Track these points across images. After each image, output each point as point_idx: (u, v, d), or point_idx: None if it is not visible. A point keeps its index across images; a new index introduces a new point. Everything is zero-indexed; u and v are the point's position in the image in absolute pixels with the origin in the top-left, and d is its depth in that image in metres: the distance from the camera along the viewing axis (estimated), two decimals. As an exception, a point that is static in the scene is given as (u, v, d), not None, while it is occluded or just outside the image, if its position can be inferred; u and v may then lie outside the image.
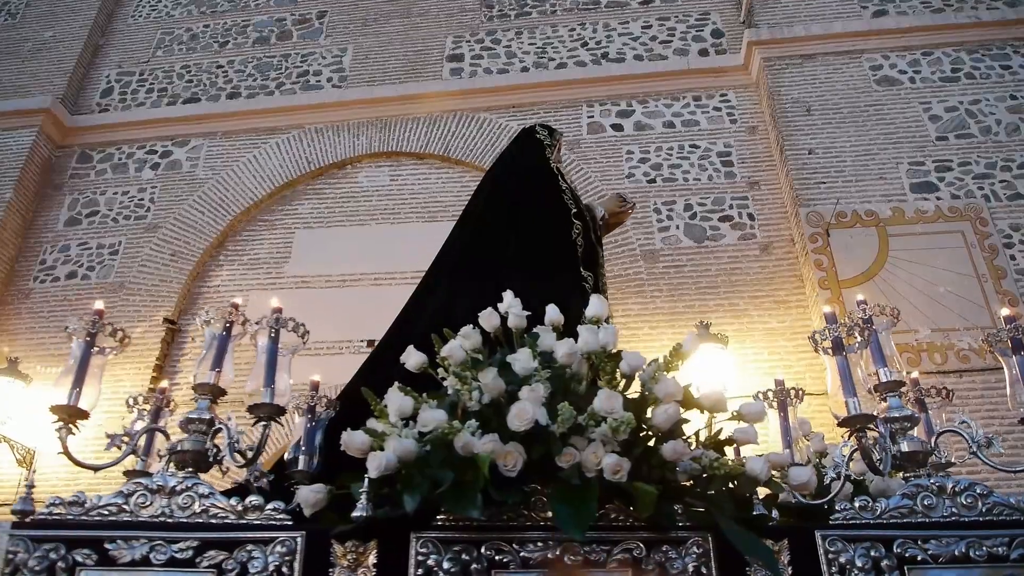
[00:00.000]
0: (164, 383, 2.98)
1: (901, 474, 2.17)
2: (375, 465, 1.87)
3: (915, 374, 2.52)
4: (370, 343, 6.23)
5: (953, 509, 1.94)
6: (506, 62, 7.87)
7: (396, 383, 2.14)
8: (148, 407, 2.72)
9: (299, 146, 7.54)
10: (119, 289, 6.87)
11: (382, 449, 1.93)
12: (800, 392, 2.94)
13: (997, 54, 6.94)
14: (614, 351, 2.11)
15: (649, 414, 2.02)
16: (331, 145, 7.51)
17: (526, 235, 3.09)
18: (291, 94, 7.94)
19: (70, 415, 2.09)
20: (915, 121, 6.64)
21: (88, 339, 2.19)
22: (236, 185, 7.38)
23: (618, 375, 2.06)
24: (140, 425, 2.68)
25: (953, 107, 6.68)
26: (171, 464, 2.15)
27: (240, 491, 2.10)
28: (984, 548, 1.85)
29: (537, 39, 7.99)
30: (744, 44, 7.30)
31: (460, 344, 2.10)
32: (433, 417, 1.93)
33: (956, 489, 1.97)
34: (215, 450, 2.13)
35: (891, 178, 6.36)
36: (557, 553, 1.81)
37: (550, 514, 1.87)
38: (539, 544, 1.84)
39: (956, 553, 1.85)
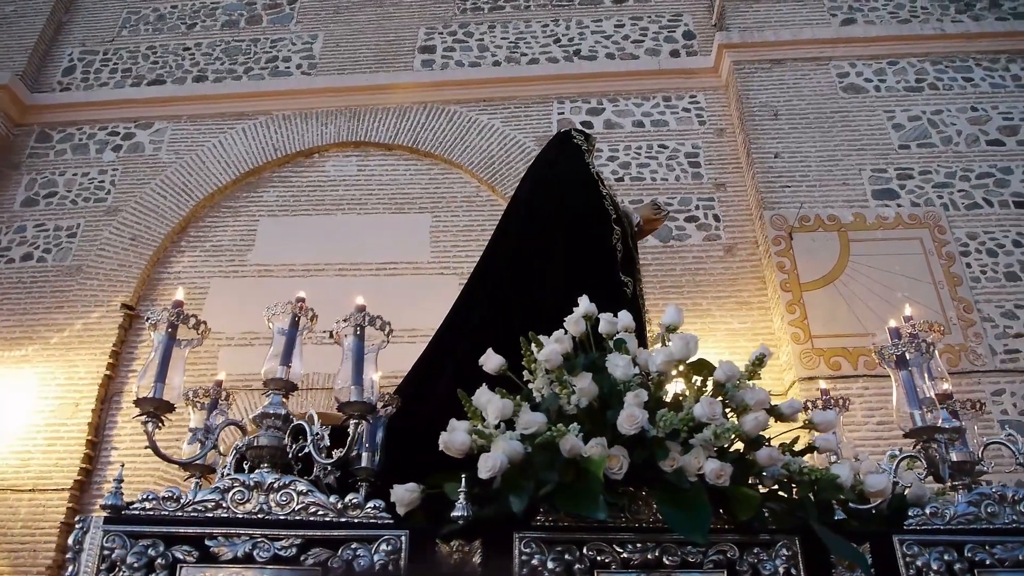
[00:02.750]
0: (221, 375, 2.93)
1: (950, 482, 2.32)
2: (488, 467, 1.89)
3: (947, 386, 2.62)
4: (332, 335, 6.17)
5: (1013, 516, 2.08)
6: (478, 55, 7.84)
7: (484, 385, 2.17)
8: (206, 400, 2.70)
9: (266, 133, 7.44)
10: (76, 272, 6.73)
11: (482, 450, 1.96)
12: (846, 401, 3.05)
13: (960, 66, 7.08)
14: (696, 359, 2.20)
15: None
16: (299, 133, 7.43)
17: (568, 240, 3.13)
18: (259, 79, 7.83)
19: (156, 408, 2.07)
20: (879, 129, 6.76)
21: (170, 331, 2.17)
22: (200, 170, 7.26)
23: (711, 383, 2.14)
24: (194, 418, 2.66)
25: (916, 116, 6.80)
26: (233, 458, 2.14)
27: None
28: None
29: (510, 34, 7.97)
30: (715, 47, 7.36)
31: (556, 349, 2.13)
32: (535, 419, 1.97)
33: (1015, 498, 2.11)
34: (294, 446, 2.14)
35: (854, 184, 6.46)
36: (656, 554, 1.87)
37: (644, 515, 1.94)
38: (638, 545, 1.88)
39: (1020, 557, 1.98)
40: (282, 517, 1.90)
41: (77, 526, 1.87)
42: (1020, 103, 6.83)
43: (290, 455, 2.13)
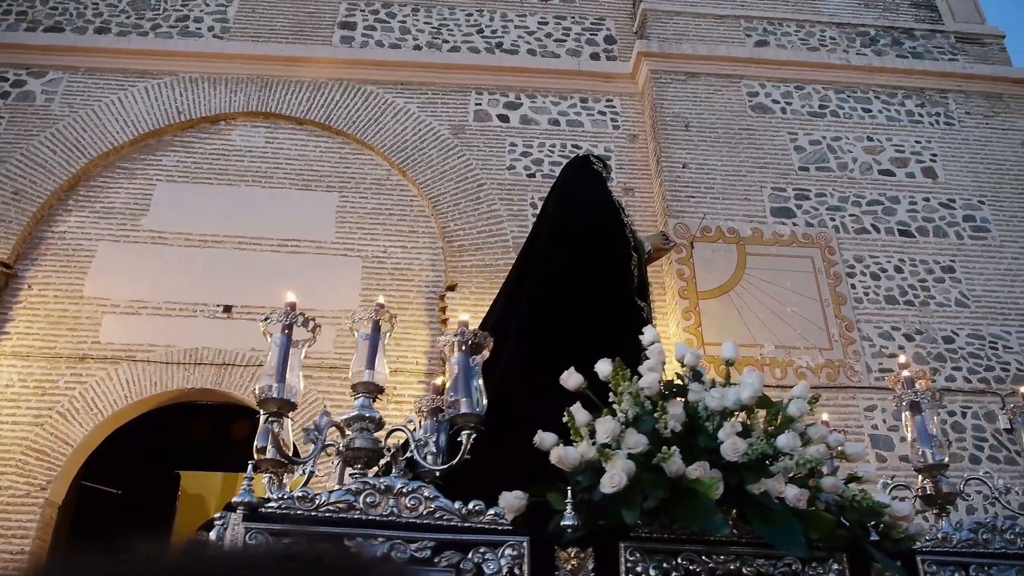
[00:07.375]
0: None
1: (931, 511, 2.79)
2: (614, 483, 2.06)
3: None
4: (227, 308, 5.97)
5: (1002, 543, 2.46)
6: (399, 37, 7.72)
7: (578, 403, 2.34)
8: None
9: (170, 94, 7.11)
10: (-52, 223, 6.26)
11: (588, 464, 2.17)
12: (843, 431, 3.39)
13: (860, 97, 7.44)
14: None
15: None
16: (206, 98, 7.13)
17: (590, 265, 3.31)
18: (167, 38, 7.48)
19: (280, 407, 2.15)
20: (782, 149, 7.02)
21: (286, 332, 2.24)
22: (96, 127, 6.88)
23: (779, 416, 2.40)
24: None
25: (816, 141, 7.11)
26: (314, 454, 2.30)
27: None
28: None
29: (433, 19, 7.88)
30: (634, 54, 7.49)
31: (655, 377, 2.33)
32: (640, 440, 2.17)
33: (1002, 528, 2.50)
34: (390, 449, 2.27)
35: (755, 200, 6.70)
36: (736, 565, 2.11)
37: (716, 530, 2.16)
38: (721, 557, 2.13)
39: None
40: (412, 520, 2.01)
41: (217, 523, 1.98)
42: (912, 137, 7.23)
43: (386, 457, 2.27)
